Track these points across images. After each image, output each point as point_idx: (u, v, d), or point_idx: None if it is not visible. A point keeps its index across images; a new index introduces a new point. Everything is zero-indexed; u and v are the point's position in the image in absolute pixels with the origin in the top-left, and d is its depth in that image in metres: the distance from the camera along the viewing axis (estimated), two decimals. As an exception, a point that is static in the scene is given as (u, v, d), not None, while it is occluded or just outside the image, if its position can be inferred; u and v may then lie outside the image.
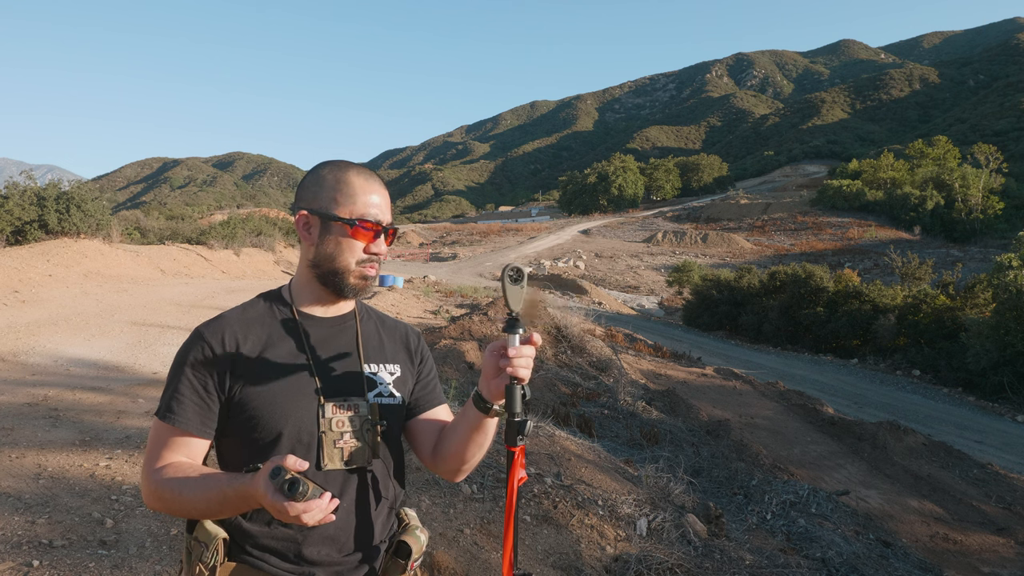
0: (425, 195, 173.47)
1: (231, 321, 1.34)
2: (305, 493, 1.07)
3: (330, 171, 1.38)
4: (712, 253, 46.86)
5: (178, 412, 1.28)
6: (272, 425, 1.29)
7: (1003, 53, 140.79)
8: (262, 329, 1.35)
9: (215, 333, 1.31)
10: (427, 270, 35.96)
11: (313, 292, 1.40)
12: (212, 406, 1.30)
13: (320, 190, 1.36)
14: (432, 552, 3.17)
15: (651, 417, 8.37)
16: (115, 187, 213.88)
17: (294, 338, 1.36)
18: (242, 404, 1.29)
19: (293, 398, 1.31)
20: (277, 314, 1.38)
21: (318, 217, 1.36)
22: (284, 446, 1.29)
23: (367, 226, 1.34)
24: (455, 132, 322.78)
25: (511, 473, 1.40)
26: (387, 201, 1.40)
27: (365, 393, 1.38)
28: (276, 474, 1.08)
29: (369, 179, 1.38)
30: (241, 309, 1.38)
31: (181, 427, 1.28)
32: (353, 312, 1.47)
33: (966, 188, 51.19)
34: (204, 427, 1.30)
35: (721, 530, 4.35)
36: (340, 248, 1.34)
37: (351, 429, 1.33)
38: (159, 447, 1.29)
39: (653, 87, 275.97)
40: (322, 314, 1.41)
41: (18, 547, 3.29)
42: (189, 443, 1.29)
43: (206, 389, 1.29)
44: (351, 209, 1.34)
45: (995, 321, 16.08)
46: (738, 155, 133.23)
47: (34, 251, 14.49)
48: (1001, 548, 6.28)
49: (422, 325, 12.73)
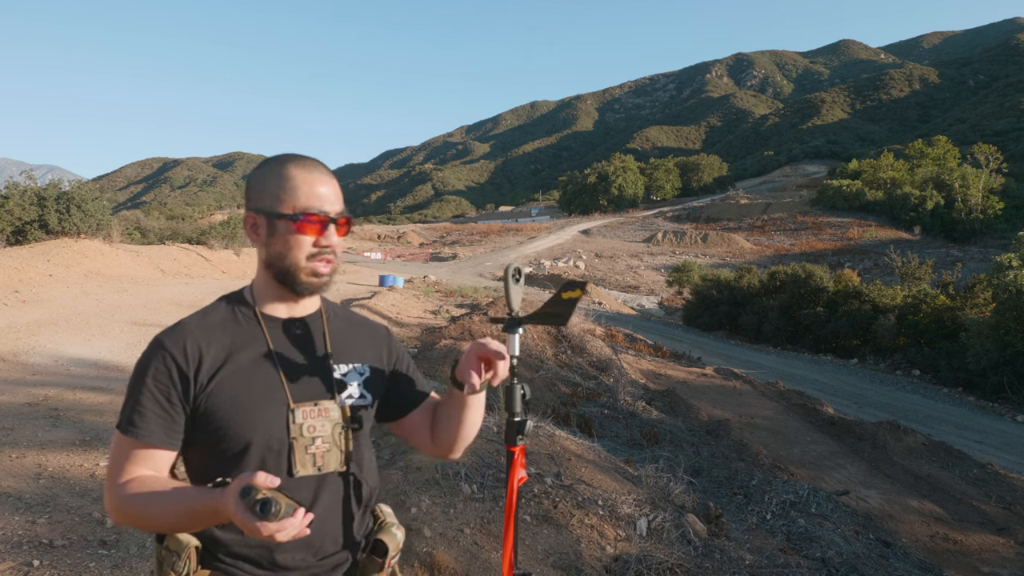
0: (425, 195, 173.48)
1: (192, 328, 1.28)
2: (278, 513, 1.03)
3: (271, 167, 1.32)
4: (712, 253, 46.87)
5: (140, 425, 1.23)
6: (240, 435, 1.24)
7: (1003, 53, 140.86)
8: (225, 334, 1.30)
9: (176, 342, 1.26)
10: (427, 270, 35.96)
11: (273, 292, 1.35)
12: (176, 417, 1.25)
13: (263, 188, 1.31)
14: (432, 552, 3.17)
15: (651, 417, 8.37)
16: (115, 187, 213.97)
17: (259, 342, 1.31)
18: (208, 414, 1.24)
19: (261, 405, 1.26)
20: (240, 317, 1.33)
21: (263, 216, 1.30)
22: (253, 455, 1.25)
23: (312, 219, 1.28)
24: (455, 132, 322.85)
25: (511, 473, 1.41)
26: (334, 190, 1.32)
27: (336, 395, 1.34)
28: (246, 493, 1.04)
29: (311, 169, 1.31)
30: (201, 315, 1.33)
31: (144, 440, 1.23)
32: (319, 311, 1.42)
33: (966, 188, 51.20)
34: (168, 439, 1.25)
35: (721, 530, 4.35)
36: (288, 245, 1.29)
37: (323, 433, 1.29)
38: (122, 461, 1.24)
39: (653, 87, 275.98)
40: (286, 315, 1.36)
41: (18, 547, 3.29)
42: (153, 456, 1.24)
43: (169, 400, 1.24)
44: (294, 204, 1.27)
45: (995, 321, 16.09)
46: (738, 155, 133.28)
47: (34, 251, 14.49)
48: (1001, 548, 6.28)
49: (422, 325, 12.73)
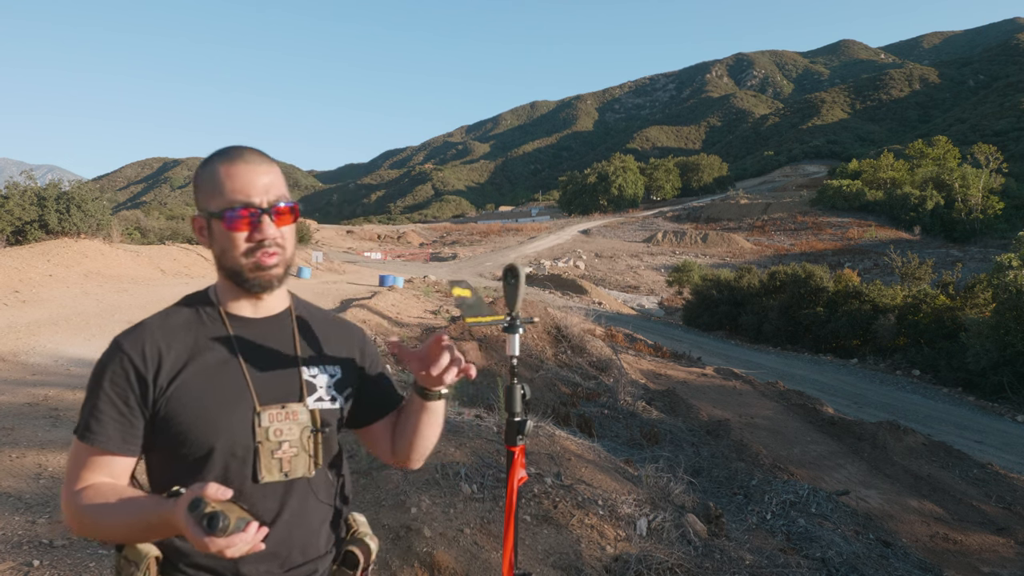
0: (425, 195, 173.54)
1: (152, 329, 1.23)
2: (226, 528, 0.98)
3: (203, 167, 1.26)
4: (712, 253, 46.87)
5: (97, 431, 1.17)
6: (203, 440, 1.19)
7: (1003, 53, 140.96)
8: (187, 335, 1.24)
9: (135, 344, 1.20)
10: (427, 270, 35.96)
11: (234, 292, 1.29)
12: (135, 422, 1.19)
13: (197, 190, 1.27)
14: (432, 552, 3.17)
15: (651, 417, 8.37)
16: (115, 187, 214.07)
17: (223, 343, 1.25)
18: (168, 419, 1.19)
19: (225, 409, 1.21)
20: (204, 317, 1.28)
21: (203, 218, 1.25)
22: (217, 461, 1.20)
23: (240, 213, 1.21)
24: (455, 132, 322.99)
25: (511, 473, 1.41)
26: (266, 179, 1.23)
27: (304, 398, 1.28)
28: (195, 506, 0.99)
29: (236, 162, 1.23)
30: (163, 315, 1.27)
31: (101, 446, 1.17)
32: (288, 310, 1.35)
33: (966, 188, 51.22)
34: (127, 445, 1.19)
35: (721, 530, 4.35)
36: (225, 244, 1.23)
37: (290, 437, 1.24)
38: (79, 468, 1.19)
39: (653, 87, 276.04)
40: (252, 314, 1.30)
41: (18, 547, 3.30)
42: (111, 462, 1.19)
43: (127, 404, 1.18)
44: (219, 201, 1.21)
45: (995, 321, 16.09)
46: (738, 155, 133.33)
47: (34, 251, 14.49)
48: (1001, 548, 6.28)
49: (422, 325, 12.72)
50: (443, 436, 4.48)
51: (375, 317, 12.50)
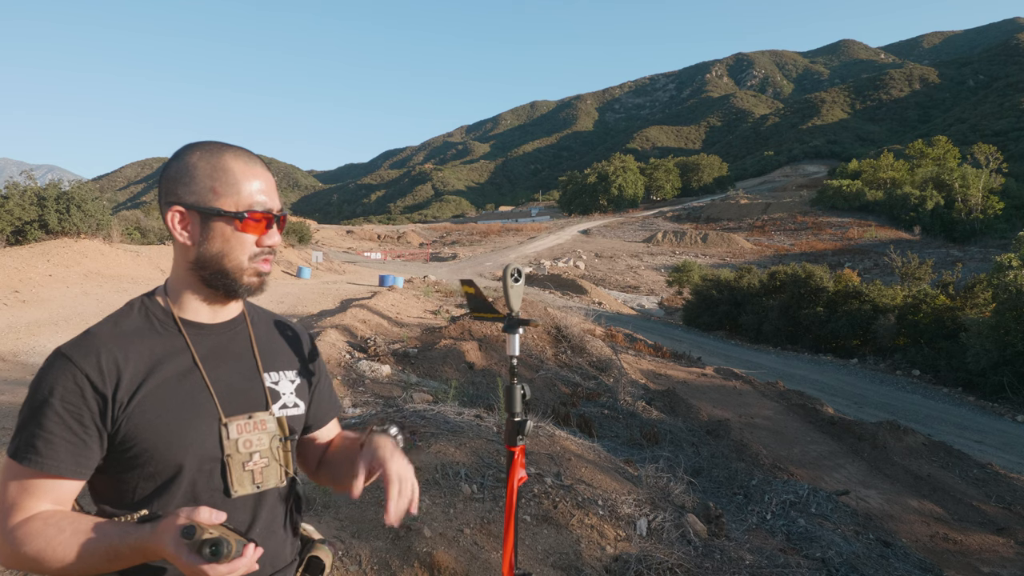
0: (425, 195, 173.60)
1: (104, 339, 1.12)
2: (229, 554, 0.93)
3: (201, 157, 1.17)
4: (712, 253, 46.88)
5: (46, 453, 1.06)
6: (170, 457, 1.11)
7: (1003, 53, 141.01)
8: (142, 344, 1.15)
9: (87, 355, 1.09)
10: (427, 270, 35.96)
11: (197, 295, 1.21)
12: (89, 443, 1.08)
13: (192, 181, 1.16)
14: (432, 552, 3.17)
15: (651, 417, 8.37)
16: (115, 187, 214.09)
17: (182, 352, 1.17)
18: (129, 438, 1.10)
19: (190, 422, 1.13)
20: (156, 324, 1.18)
21: (197, 212, 1.16)
22: (184, 479, 1.12)
23: (257, 217, 1.16)
24: (455, 132, 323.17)
25: (511, 473, 1.41)
26: (272, 185, 1.22)
27: (270, 406, 1.23)
28: (190, 533, 0.94)
29: (250, 162, 1.19)
30: (112, 323, 1.16)
31: (50, 471, 1.06)
32: (243, 314, 1.29)
33: (966, 188, 51.25)
34: (79, 468, 1.08)
35: (721, 530, 4.35)
36: (230, 245, 1.16)
37: (260, 448, 1.18)
38: (18, 495, 1.06)
39: (653, 87, 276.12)
40: (209, 319, 1.23)
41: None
42: (59, 487, 1.08)
43: (81, 423, 1.07)
44: (236, 200, 1.15)
45: (995, 321, 16.09)
46: (738, 155, 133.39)
47: (34, 251, 14.49)
48: (1001, 548, 6.28)
49: (422, 325, 12.72)
50: (443, 436, 4.48)
51: (375, 317, 12.50)
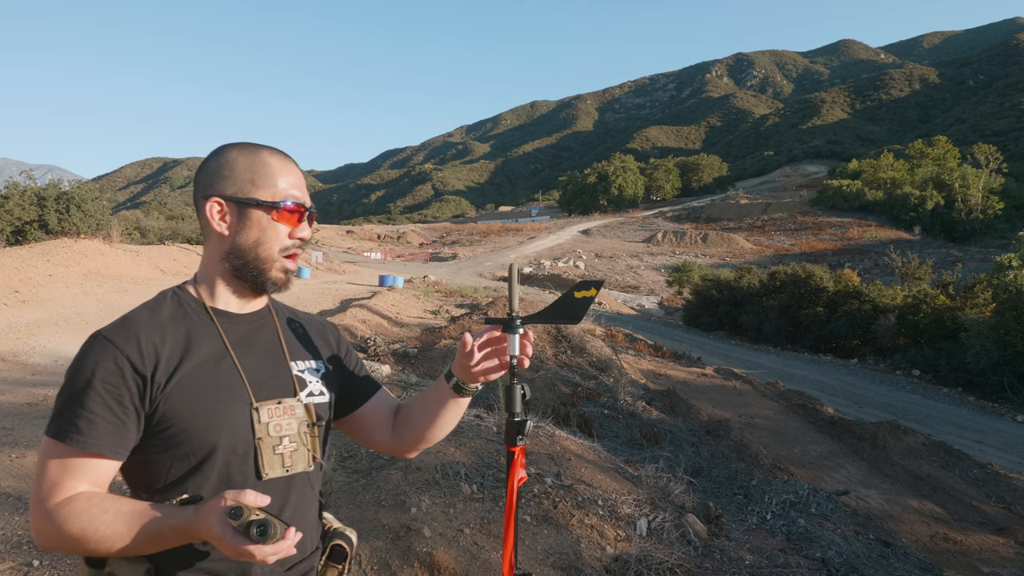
0: (425, 195, 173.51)
1: (142, 323, 1.17)
2: (275, 535, 0.96)
3: (240, 153, 1.24)
4: (712, 253, 46.87)
5: (87, 432, 1.08)
6: (205, 438, 1.14)
7: (1003, 53, 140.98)
8: (177, 331, 1.19)
9: (127, 338, 1.13)
10: (427, 270, 35.95)
11: (226, 287, 1.26)
12: (127, 423, 1.11)
13: (233, 174, 1.22)
14: (432, 552, 3.17)
15: (651, 417, 8.37)
16: (115, 187, 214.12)
17: (214, 338, 1.22)
18: (166, 419, 1.13)
19: (224, 405, 1.17)
20: (190, 313, 1.23)
21: (234, 203, 1.21)
22: (218, 460, 1.15)
23: (291, 208, 1.22)
24: (455, 132, 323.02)
25: (511, 473, 1.40)
26: (304, 184, 1.28)
27: (297, 393, 1.27)
28: (237, 514, 0.96)
29: (285, 159, 1.27)
30: (149, 309, 1.21)
31: (91, 450, 1.08)
32: (268, 308, 1.35)
33: (966, 188, 51.23)
34: (117, 448, 1.11)
35: (721, 530, 4.35)
36: (264, 235, 1.22)
37: (289, 432, 1.23)
38: (59, 475, 1.09)
39: (653, 87, 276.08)
40: (238, 310, 1.28)
41: (18, 547, 3.29)
42: (98, 467, 1.10)
43: (121, 404, 1.10)
44: (272, 192, 1.22)
45: (995, 321, 16.08)
46: (738, 155, 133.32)
47: (34, 251, 14.48)
48: (1001, 548, 6.28)
49: (422, 325, 12.72)
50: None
51: (375, 317, 12.49)
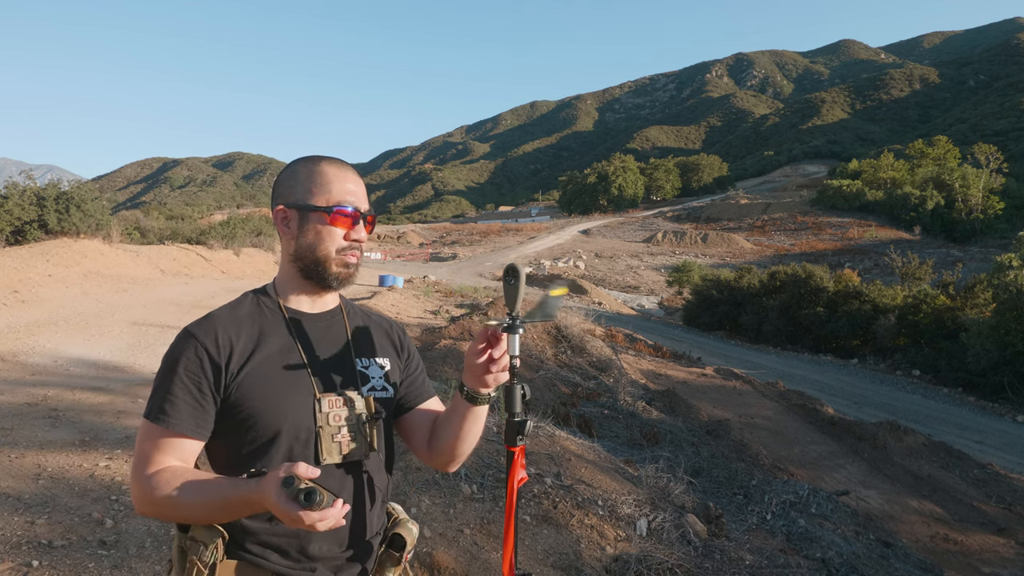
0: (425, 195, 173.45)
1: (222, 320, 1.33)
2: (321, 502, 1.07)
3: (303, 165, 1.39)
4: (712, 253, 46.85)
5: (172, 414, 1.25)
6: (270, 423, 1.28)
7: (1003, 53, 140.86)
8: (253, 326, 1.34)
9: (207, 332, 1.29)
10: (427, 270, 35.94)
11: (298, 287, 1.41)
12: (207, 407, 1.27)
13: (295, 183, 1.38)
14: (432, 552, 3.17)
15: (651, 417, 8.36)
16: (115, 187, 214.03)
17: (285, 334, 1.36)
18: (238, 404, 1.27)
19: (290, 394, 1.30)
20: (266, 311, 1.38)
21: (295, 209, 1.36)
22: (282, 444, 1.28)
23: (345, 212, 1.35)
24: (455, 132, 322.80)
25: (511, 473, 1.40)
26: (362, 189, 1.41)
27: (359, 387, 1.39)
28: (289, 483, 1.07)
29: (342, 168, 1.39)
30: (230, 307, 1.37)
31: (175, 429, 1.25)
32: (339, 307, 1.48)
33: (966, 188, 51.20)
34: (199, 428, 1.27)
35: (721, 530, 4.35)
36: (320, 237, 1.35)
37: (347, 423, 1.33)
38: (151, 451, 1.26)
39: (653, 87, 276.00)
40: (309, 309, 1.42)
41: (18, 547, 3.29)
42: (183, 445, 1.27)
43: (200, 390, 1.26)
44: (327, 197, 1.35)
45: (995, 321, 16.07)
46: (738, 155, 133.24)
47: (34, 251, 14.46)
48: (1001, 548, 6.27)
49: (422, 325, 12.72)
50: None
51: (375, 317, 12.48)
